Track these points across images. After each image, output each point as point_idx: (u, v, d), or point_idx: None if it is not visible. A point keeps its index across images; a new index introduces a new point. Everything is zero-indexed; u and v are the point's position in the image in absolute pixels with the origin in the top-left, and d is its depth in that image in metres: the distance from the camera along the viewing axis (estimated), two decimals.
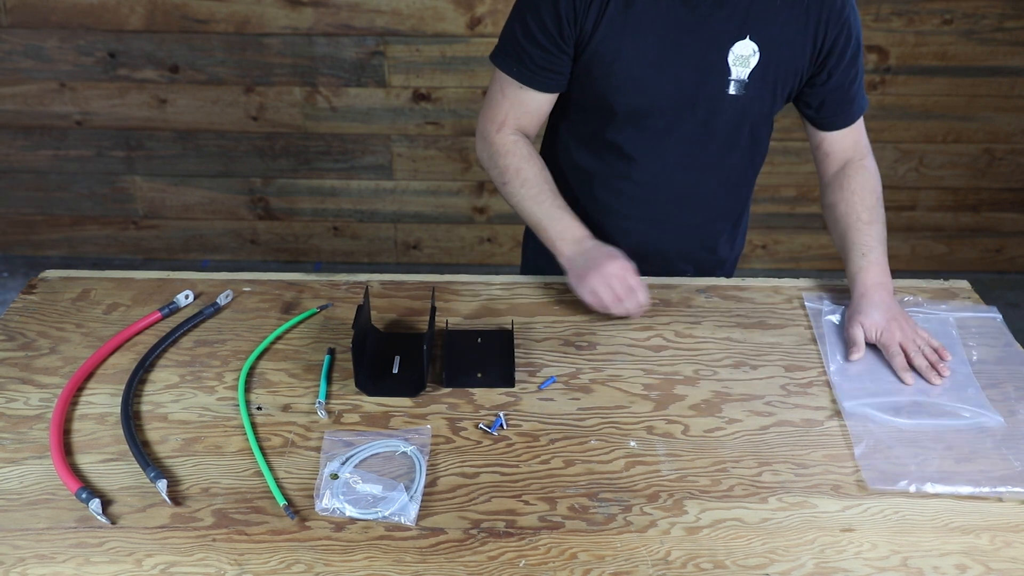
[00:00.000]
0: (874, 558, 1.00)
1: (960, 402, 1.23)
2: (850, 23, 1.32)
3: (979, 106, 2.88)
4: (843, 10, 1.31)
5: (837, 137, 1.43)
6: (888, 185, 1.48)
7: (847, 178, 1.43)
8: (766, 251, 3.16)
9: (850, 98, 1.40)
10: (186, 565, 0.98)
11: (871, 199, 1.41)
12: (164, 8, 2.70)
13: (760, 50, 1.30)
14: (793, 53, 1.32)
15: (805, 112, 1.43)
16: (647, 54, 1.29)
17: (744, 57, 1.30)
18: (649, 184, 1.44)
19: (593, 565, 0.98)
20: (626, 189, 1.45)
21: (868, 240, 1.38)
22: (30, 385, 1.23)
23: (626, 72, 1.31)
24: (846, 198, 1.41)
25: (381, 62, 2.80)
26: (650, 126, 1.37)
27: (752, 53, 1.30)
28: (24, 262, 3.15)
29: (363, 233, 3.14)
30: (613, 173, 1.45)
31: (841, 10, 1.31)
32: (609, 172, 1.45)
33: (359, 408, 1.21)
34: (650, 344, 1.34)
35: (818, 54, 1.33)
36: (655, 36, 1.28)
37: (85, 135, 2.93)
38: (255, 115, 2.89)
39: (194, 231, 3.13)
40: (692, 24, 1.28)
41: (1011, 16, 2.72)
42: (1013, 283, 3.17)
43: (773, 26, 1.29)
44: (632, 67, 1.30)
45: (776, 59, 1.32)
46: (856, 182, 1.42)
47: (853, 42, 1.34)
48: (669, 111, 1.35)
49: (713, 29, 1.28)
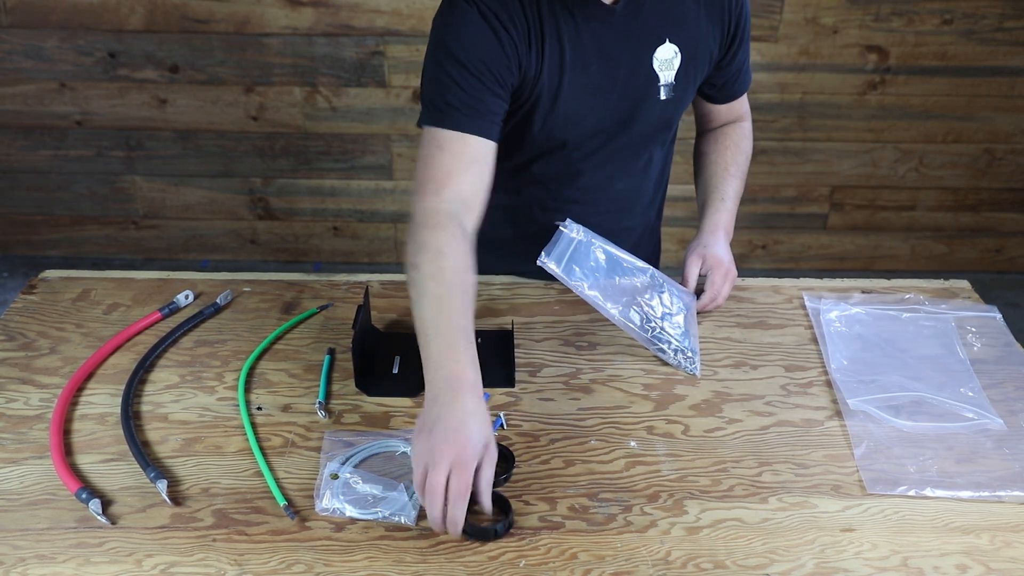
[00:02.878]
0: (874, 558, 1.00)
1: (960, 402, 1.23)
2: (743, 2, 1.34)
3: (979, 106, 2.88)
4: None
5: (723, 109, 1.50)
6: (888, 185, 1.50)
7: (724, 135, 1.51)
8: (766, 251, 3.16)
9: (744, 73, 1.45)
10: (186, 565, 0.98)
11: (741, 157, 1.50)
12: (164, 8, 2.70)
13: (681, 50, 1.30)
14: (707, 45, 1.33)
15: (705, 91, 1.45)
16: (583, 83, 1.27)
17: (668, 60, 1.30)
18: (590, 197, 1.44)
19: (593, 565, 0.98)
20: (574, 196, 1.43)
21: (728, 190, 1.46)
22: (30, 385, 1.23)
23: (568, 106, 1.28)
24: (719, 150, 1.50)
25: (381, 62, 2.80)
26: (591, 144, 1.36)
27: (674, 55, 1.30)
28: (24, 262, 3.15)
29: (363, 233, 3.14)
30: (560, 188, 1.43)
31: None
32: (548, 192, 1.43)
33: (359, 408, 1.21)
34: None
35: (727, 39, 1.35)
36: (586, 64, 1.26)
37: (85, 135, 2.93)
38: (255, 115, 2.89)
39: (194, 231, 3.13)
40: (613, 41, 1.26)
41: (1011, 16, 2.72)
42: (1013, 283, 3.17)
43: (687, 23, 1.29)
44: (573, 101, 1.28)
45: (694, 54, 1.32)
46: (731, 139, 1.50)
47: (746, 19, 1.37)
48: (610, 128, 1.35)
49: (634, 41, 1.27)
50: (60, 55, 2.79)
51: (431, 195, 1.18)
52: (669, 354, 1.28)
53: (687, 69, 1.32)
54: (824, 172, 2.99)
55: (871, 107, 2.88)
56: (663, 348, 1.28)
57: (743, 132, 1.52)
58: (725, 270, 1.39)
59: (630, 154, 1.40)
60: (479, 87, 1.19)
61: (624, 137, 1.37)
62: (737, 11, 1.33)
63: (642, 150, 1.41)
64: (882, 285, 1.49)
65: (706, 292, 1.38)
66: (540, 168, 1.40)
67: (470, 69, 1.19)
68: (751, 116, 1.55)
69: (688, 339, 1.30)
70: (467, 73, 1.19)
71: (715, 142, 1.51)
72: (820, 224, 3.10)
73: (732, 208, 1.46)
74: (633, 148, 1.40)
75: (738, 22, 1.34)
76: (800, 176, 3.00)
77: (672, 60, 1.30)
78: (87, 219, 3.11)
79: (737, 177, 1.48)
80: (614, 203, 1.46)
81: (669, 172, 1.56)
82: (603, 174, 1.41)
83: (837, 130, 2.92)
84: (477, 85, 1.19)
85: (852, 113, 2.88)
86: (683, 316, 1.32)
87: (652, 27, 1.27)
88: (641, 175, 1.46)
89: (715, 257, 1.39)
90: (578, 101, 1.29)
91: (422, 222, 1.16)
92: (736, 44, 1.37)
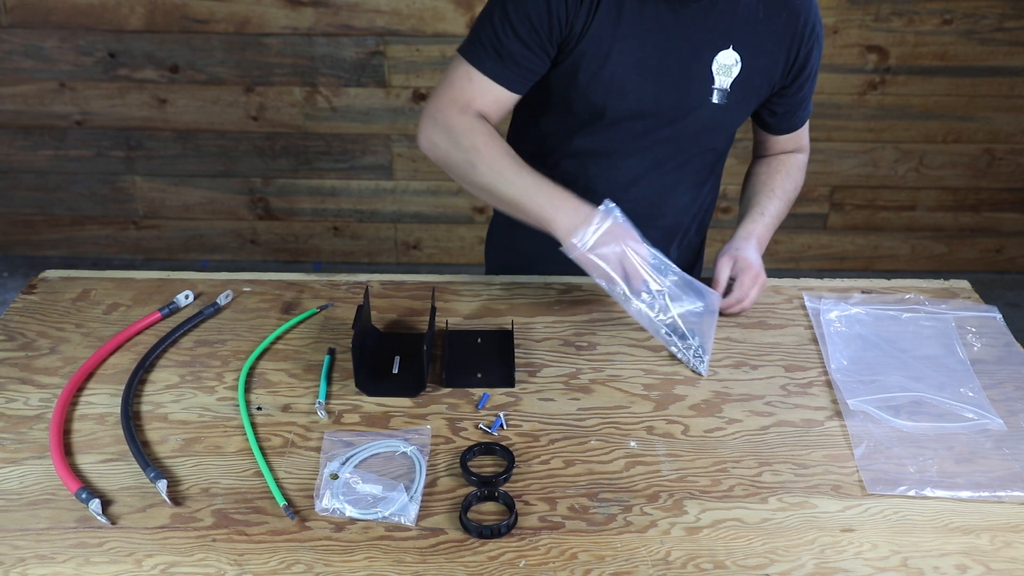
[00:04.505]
0: (874, 558, 1.00)
1: (960, 403, 1.23)
2: (819, 38, 1.37)
3: (979, 106, 2.88)
4: (816, 25, 1.34)
5: (783, 139, 1.51)
6: (888, 185, 1.50)
7: (777, 160, 1.52)
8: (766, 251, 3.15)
9: (804, 107, 1.47)
10: (186, 565, 0.98)
11: (789, 184, 1.50)
12: (164, 8, 2.71)
13: (742, 60, 1.30)
14: (769, 65, 1.33)
15: (764, 118, 1.47)
16: (635, 58, 1.28)
17: (727, 67, 1.30)
18: (624, 183, 1.43)
19: (593, 565, 0.98)
20: (600, 188, 1.43)
21: (769, 207, 1.46)
22: (30, 385, 1.23)
23: (613, 76, 1.30)
24: (769, 172, 1.50)
25: (381, 62, 2.80)
26: (631, 128, 1.37)
27: (735, 63, 1.30)
28: (24, 262, 3.15)
29: (363, 233, 3.14)
30: (589, 171, 1.43)
31: (815, 25, 1.34)
32: (585, 170, 1.43)
33: (359, 408, 1.21)
34: (650, 344, 1.34)
35: (791, 67, 1.35)
36: (642, 41, 1.27)
37: (85, 135, 2.93)
38: (255, 115, 2.89)
39: (194, 231, 3.13)
40: (678, 31, 1.27)
41: (1011, 16, 2.72)
42: (1013, 283, 3.17)
43: (755, 37, 1.30)
44: (620, 71, 1.29)
45: (756, 70, 1.32)
46: (784, 165, 1.51)
47: (817, 56, 1.38)
48: (651, 116, 1.35)
49: (698, 37, 1.28)
50: (60, 55, 2.79)
51: (456, 112, 1.30)
52: (680, 347, 1.29)
53: (745, 82, 1.32)
54: (824, 172, 2.99)
55: (871, 107, 2.88)
56: (675, 341, 1.29)
57: (797, 163, 1.53)
58: (755, 273, 1.38)
59: (671, 150, 1.40)
60: (518, 44, 1.27)
61: (668, 130, 1.36)
62: (808, 45, 1.34)
63: (684, 150, 1.41)
64: (882, 285, 1.49)
65: (734, 292, 1.36)
66: (580, 142, 1.40)
67: (515, 21, 1.26)
68: (810, 150, 1.56)
69: (701, 337, 1.30)
70: (510, 24, 1.26)
71: (767, 165, 1.52)
72: (820, 224, 3.10)
73: (770, 224, 1.45)
74: (675, 145, 1.39)
75: (808, 56, 1.35)
76: None
77: (732, 67, 1.30)
78: (87, 219, 3.11)
79: (781, 199, 1.48)
80: (647, 196, 1.45)
81: (717, 190, 1.57)
82: (641, 163, 1.41)
83: (837, 130, 2.92)
84: (516, 42, 1.27)
85: (852, 113, 2.89)
86: (702, 313, 1.32)
87: (720, 29, 1.28)
88: (679, 175, 1.45)
89: (745, 260, 1.38)
90: (625, 73, 1.29)
91: (460, 131, 1.29)
92: (803, 77, 1.38)
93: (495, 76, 1.29)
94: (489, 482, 1.07)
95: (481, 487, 1.07)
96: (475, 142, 1.28)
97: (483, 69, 1.29)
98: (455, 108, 1.30)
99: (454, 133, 1.29)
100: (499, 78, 1.29)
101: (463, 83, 1.30)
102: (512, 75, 1.29)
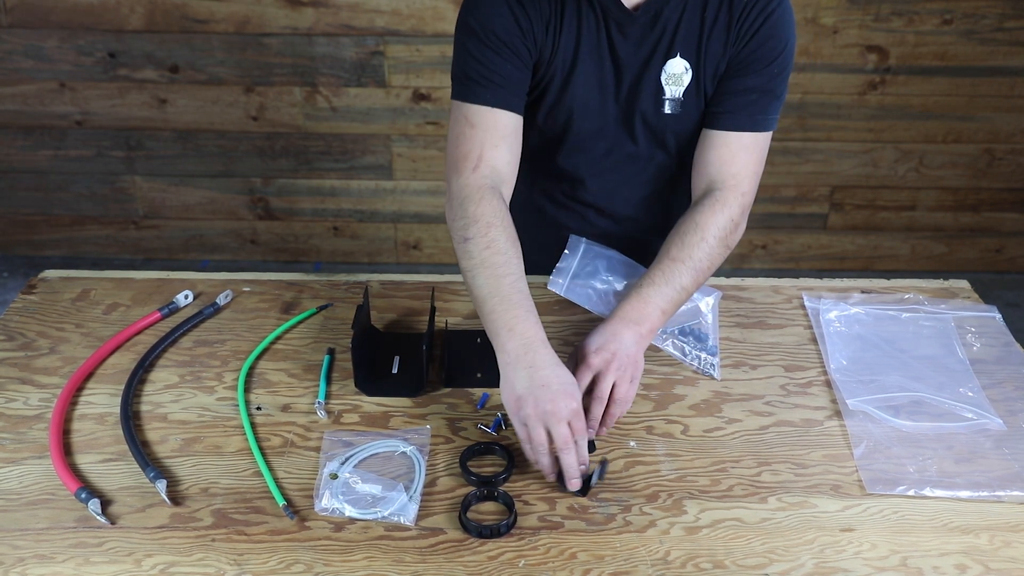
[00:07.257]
0: (874, 558, 1.00)
1: (960, 402, 1.23)
2: (779, 34, 1.24)
3: (979, 106, 2.88)
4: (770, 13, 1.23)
5: (715, 143, 1.30)
6: (888, 185, 1.49)
7: (697, 210, 1.28)
8: (766, 251, 3.16)
9: (746, 108, 1.28)
10: (186, 565, 0.98)
11: (696, 237, 1.25)
12: (164, 8, 2.70)
13: (692, 67, 1.28)
14: (718, 65, 1.28)
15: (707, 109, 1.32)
16: (595, 78, 1.29)
17: (676, 76, 1.28)
18: (595, 203, 1.45)
19: (593, 565, 0.98)
20: (576, 208, 1.46)
21: (660, 275, 1.23)
22: (30, 385, 1.23)
23: (578, 96, 1.30)
24: (678, 228, 1.28)
25: (381, 62, 2.80)
26: (594, 148, 1.37)
27: (684, 71, 1.28)
28: (24, 262, 3.15)
29: (363, 233, 3.14)
30: (562, 195, 1.45)
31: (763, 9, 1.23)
32: (558, 194, 1.46)
33: (359, 408, 1.21)
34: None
35: (736, 59, 1.26)
36: (599, 60, 1.28)
37: (85, 135, 2.93)
38: (255, 115, 2.89)
39: (194, 231, 3.13)
40: (629, 48, 1.27)
41: (1011, 16, 2.72)
42: (1013, 283, 3.17)
43: (701, 42, 1.27)
44: (584, 91, 1.29)
45: (706, 74, 1.29)
46: (699, 217, 1.27)
47: (781, 58, 1.26)
48: (612, 134, 1.35)
49: (646, 50, 1.27)
50: (60, 55, 2.79)
51: (468, 171, 1.24)
52: (692, 355, 1.30)
53: (697, 88, 1.30)
54: (824, 172, 2.99)
55: (871, 107, 2.88)
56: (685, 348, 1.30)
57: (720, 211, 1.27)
58: (614, 366, 1.15)
59: (636, 166, 1.40)
60: (496, 59, 1.24)
61: (629, 146, 1.36)
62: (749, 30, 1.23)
63: (648, 163, 1.40)
64: (882, 285, 1.49)
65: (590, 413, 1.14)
66: (551, 161, 1.41)
67: (487, 42, 1.23)
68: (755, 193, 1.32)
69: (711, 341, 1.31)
70: (485, 47, 1.23)
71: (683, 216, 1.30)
72: (820, 224, 3.10)
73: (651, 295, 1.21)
74: (640, 160, 1.39)
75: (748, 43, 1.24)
76: (800, 176, 3.00)
77: (682, 76, 1.28)
78: (87, 219, 3.11)
79: (681, 261, 1.24)
80: (617, 207, 1.45)
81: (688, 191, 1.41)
82: (603, 177, 1.41)
83: (837, 130, 2.92)
84: (494, 57, 1.24)
85: (852, 113, 2.88)
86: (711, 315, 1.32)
87: (666, 39, 1.27)
88: (652, 187, 1.44)
89: (596, 346, 1.17)
90: (586, 92, 1.29)
91: (466, 196, 1.22)
92: (748, 66, 1.26)
93: (494, 102, 1.24)
94: (488, 482, 1.07)
95: (480, 487, 1.07)
96: (480, 212, 1.19)
97: (481, 101, 1.24)
98: (468, 164, 1.24)
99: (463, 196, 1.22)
100: (497, 102, 1.24)
101: (466, 133, 1.25)
102: (507, 94, 1.25)
